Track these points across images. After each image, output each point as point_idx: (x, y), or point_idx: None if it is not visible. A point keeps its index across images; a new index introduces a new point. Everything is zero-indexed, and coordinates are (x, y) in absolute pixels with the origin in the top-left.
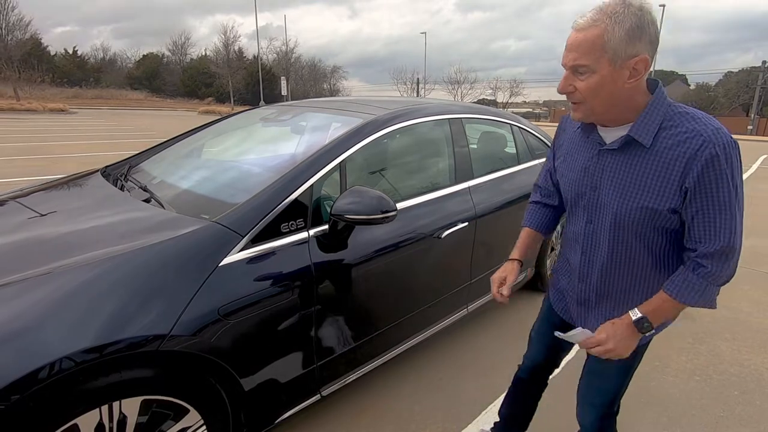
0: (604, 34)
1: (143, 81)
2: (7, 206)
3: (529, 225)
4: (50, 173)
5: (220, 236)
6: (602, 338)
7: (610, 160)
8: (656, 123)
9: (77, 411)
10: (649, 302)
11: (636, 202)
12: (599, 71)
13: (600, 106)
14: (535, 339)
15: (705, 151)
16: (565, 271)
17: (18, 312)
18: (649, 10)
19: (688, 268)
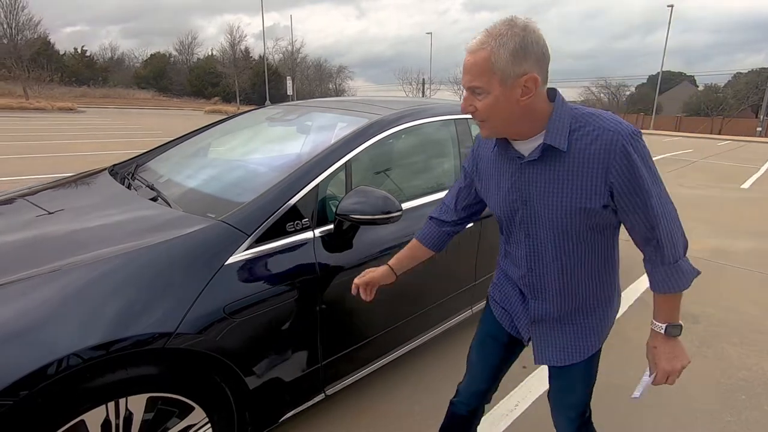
0: (491, 56)
1: (150, 80)
2: (15, 204)
3: (418, 237)
4: (59, 171)
5: (226, 235)
6: (668, 367)
7: (533, 171)
8: (566, 127)
9: (84, 407)
10: (657, 311)
11: (569, 205)
12: (492, 91)
13: (501, 124)
14: (476, 362)
15: (617, 144)
16: (505, 287)
17: (27, 308)
18: (534, 29)
19: (655, 262)
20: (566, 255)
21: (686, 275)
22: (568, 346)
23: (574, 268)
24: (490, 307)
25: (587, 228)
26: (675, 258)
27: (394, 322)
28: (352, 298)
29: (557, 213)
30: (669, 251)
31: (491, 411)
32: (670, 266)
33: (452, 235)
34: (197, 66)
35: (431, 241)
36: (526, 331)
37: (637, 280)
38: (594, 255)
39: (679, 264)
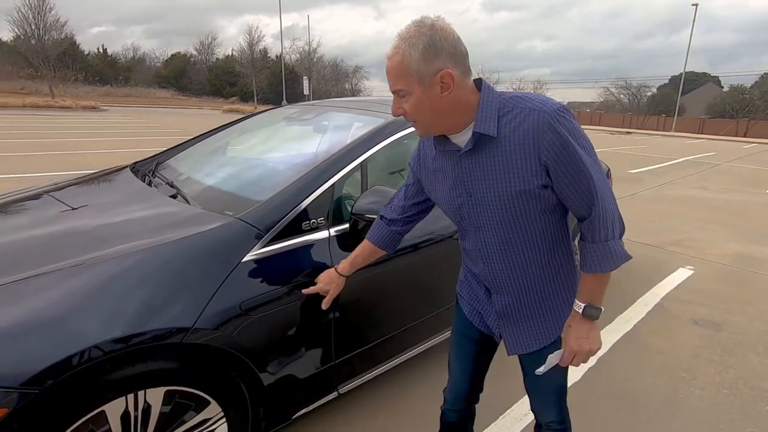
0: (404, 59)
1: (171, 80)
2: (42, 199)
3: (368, 238)
4: (83, 168)
5: (243, 233)
6: (575, 347)
7: (470, 162)
8: (494, 113)
9: (105, 398)
10: (580, 290)
11: (508, 191)
12: (414, 92)
13: (430, 121)
14: (455, 364)
15: (544, 123)
16: (471, 284)
17: (53, 301)
18: (441, 27)
19: (586, 239)
20: (515, 243)
21: (615, 256)
22: (535, 332)
23: (524, 256)
24: (460, 305)
25: (533, 212)
26: (606, 237)
27: (408, 321)
28: (366, 297)
29: (499, 200)
30: (601, 229)
31: (503, 416)
32: (599, 244)
33: (402, 234)
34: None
35: (382, 241)
36: (495, 326)
37: (657, 285)
38: (544, 241)
39: (609, 244)
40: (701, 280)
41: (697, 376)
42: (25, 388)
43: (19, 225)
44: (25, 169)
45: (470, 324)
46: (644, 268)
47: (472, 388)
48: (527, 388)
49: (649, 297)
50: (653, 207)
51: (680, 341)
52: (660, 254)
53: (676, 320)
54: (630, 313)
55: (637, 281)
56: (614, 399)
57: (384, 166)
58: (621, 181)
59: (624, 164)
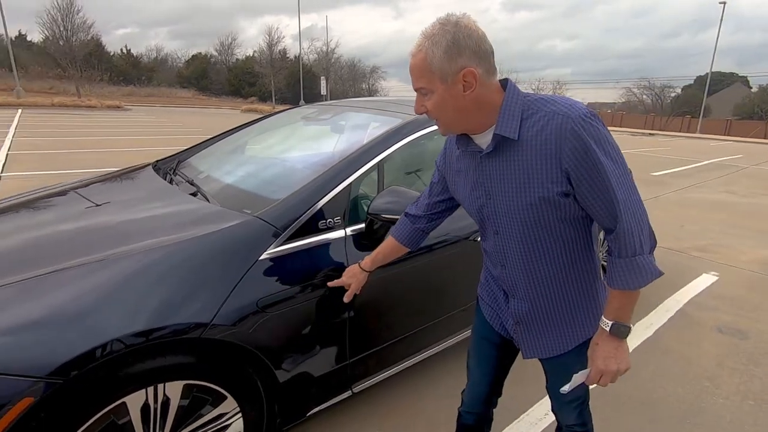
0: (427, 56)
1: (192, 80)
2: (68, 196)
3: (392, 234)
4: (108, 166)
5: (260, 231)
6: (602, 367)
7: (491, 164)
8: (516, 116)
9: (126, 390)
10: (607, 306)
11: (526, 196)
12: (436, 90)
13: (453, 120)
14: (474, 367)
15: (566, 128)
16: (491, 286)
17: (78, 295)
18: (466, 24)
19: (613, 254)
20: (533, 250)
21: (643, 273)
22: (552, 339)
23: (542, 264)
24: (480, 308)
25: (553, 220)
26: (633, 252)
27: (423, 322)
28: (381, 297)
29: (518, 205)
30: (628, 243)
31: (520, 419)
32: (627, 260)
33: (426, 232)
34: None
35: (405, 238)
36: (512, 330)
37: (679, 291)
38: (564, 249)
39: (637, 259)
40: (726, 286)
41: (721, 385)
42: (50, 378)
43: (46, 220)
44: (58, 167)
45: (490, 327)
46: (666, 273)
47: (491, 392)
48: (549, 390)
49: (671, 303)
50: (676, 211)
51: (703, 349)
52: (683, 259)
53: (700, 327)
54: (651, 319)
55: (658, 286)
56: (635, 406)
57: (401, 166)
58: (643, 183)
59: (646, 166)
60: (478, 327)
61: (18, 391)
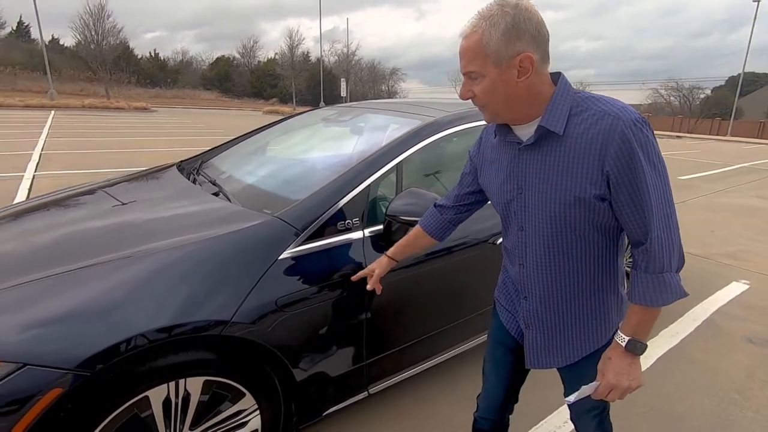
0: (483, 38)
1: (215, 82)
2: (96, 195)
3: (420, 224)
4: (134, 165)
5: (280, 231)
6: (612, 381)
7: (529, 157)
8: (565, 111)
9: (149, 384)
10: (626, 321)
11: (561, 194)
12: (488, 74)
13: (502, 107)
14: (490, 372)
15: (616, 130)
16: (509, 289)
17: (104, 290)
18: (526, 7)
19: (639, 268)
20: (556, 251)
21: (668, 291)
22: (561, 348)
23: (562, 266)
24: (497, 311)
25: (583, 222)
26: (661, 268)
27: (440, 325)
28: (399, 298)
29: (550, 202)
30: (657, 259)
31: (538, 425)
32: (653, 276)
33: (454, 224)
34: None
35: (433, 229)
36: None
37: (707, 299)
38: (588, 255)
39: (664, 276)
40: (758, 295)
41: (751, 398)
42: (78, 370)
43: (76, 218)
44: (88, 166)
45: (507, 331)
46: (693, 281)
47: (507, 398)
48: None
49: (699, 311)
50: (705, 216)
51: (732, 360)
52: (711, 266)
53: (729, 337)
54: (677, 327)
55: None
56: (659, 417)
57: (419, 168)
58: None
59: (674, 170)
60: (495, 332)
61: (48, 382)
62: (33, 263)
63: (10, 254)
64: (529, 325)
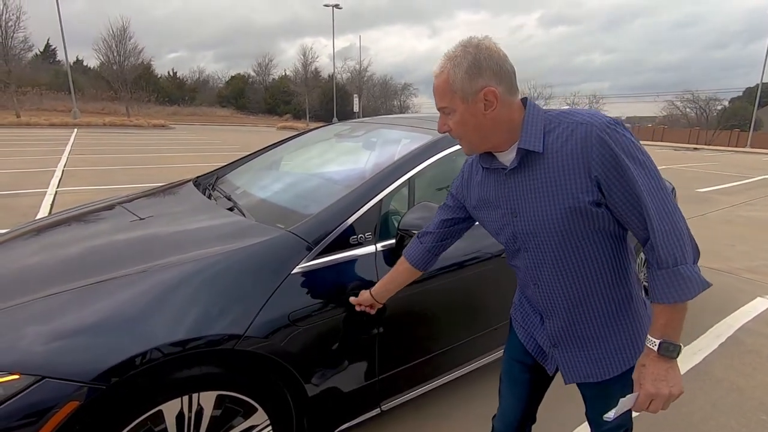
0: (449, 77)
1: (231, 99)
2: (115, 210)
3: (404, 253)
4: (153, 181)
5: (293, 245)
6: (651, 390)
7: (516, 180)
8: (539, 129)
9: (163, 398)
10: (654, 324)
11: (555, 208)
12: (458, 109)
13: (474, 138)
14: (506, 392)
15: (592, 136)
16: (525, 307)
17: (119, 305)
18: (487, 46)
19: (652, 266)
20: (565, 265)
21: (688, 283)
22: (594, 361)
23: (575, 279)
24: (514, 330)
25: (584, 231)
26: (674, 261)
27: (453, 341)
28: (411, 313)
29: (546, 219)
30: (665, 252)
31: None
32: (667, 270)
33: (435, 253)
34: (272, 85)
35: (414, 258)
36: (550, 353)
37: (730, 315)
38: (598, 263)
39: (680, 269)
40: None
41: None
42: (94, 383)
43: (95, 233)
44: (108, 182)
45: (524, 349)
46: (715, 296)
47: (524, 418)
48: (588, 419)
49: (722, 328)
50: (725, 229)
51: (759, 379)
52: (734, 281)
53: (754, 355)
54: (699, 344)
55: (707, 310)
56: None
57: (431, 183)
58: (688, 201)
59: (691, 182)
60: (511, 349)
61: (65, 395)
62: (50, 278)
63: (32, 269)
64: (558, 344)
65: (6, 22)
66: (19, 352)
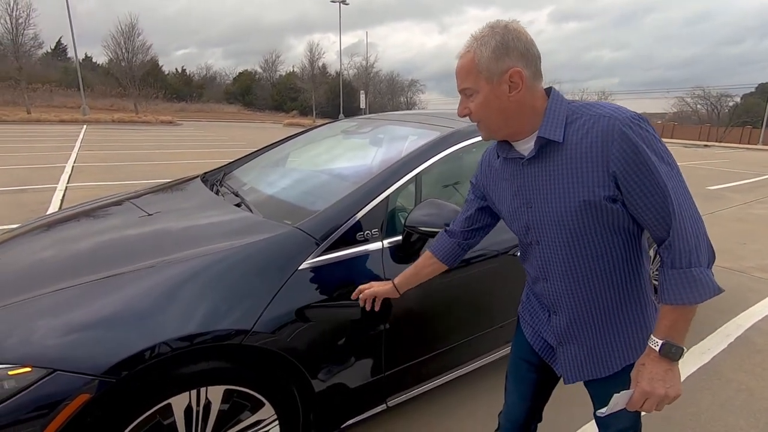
0: (474, 56)
1: (238, 96)
2: (123, 206)
3: (430, 248)
4: (161, 177)
5: (300, 241)
6: (647, 388)
7: (533, 170)
8: (561, 119)
9: (171, 392)
10: (658, 324)
11: (570, 201)
12: (481, 90)
13: (495, 122)
14: (512, 390)
15: (614, 129)
16: (533, 305)
17: (128, 299)
18: (514, 28)
19: (666, 265)
20: (576, 260)
21: (699, 287)
22: (597, 360)
23: (585, 275)
24: (521, 327)
25: (598, 227)
26: (688, 263)
27: (459, 338)
28: (418, 310)
29: (560, 212)
30: (683, 252)
31: None
32: (681, 271)
33: (464, 248)
34: (279, 82)
35: (442, 253)
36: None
37: (740, 315)
38: (610, 261)
39: (693, 271)
40: None
41: None
42: (104, 376)
43: (103, 229)
44: (117, 178)
45: (530, 348)
46: (726, 295)
47: (529, 417)
48: (596, 420)
49: (732, 327)
50: (737, 227)
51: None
52: (745, 280)
53: (765, 355)
54: (708, 344)
55: (716, 309)
56: None
57: (438, 179)
58: (699, 198)
59: (702, 180)
60: (517, 348)
61: (77, 387)
62: (61, 272)
63: (43, 263)
64: (563, 342)
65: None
66: (31, 345)
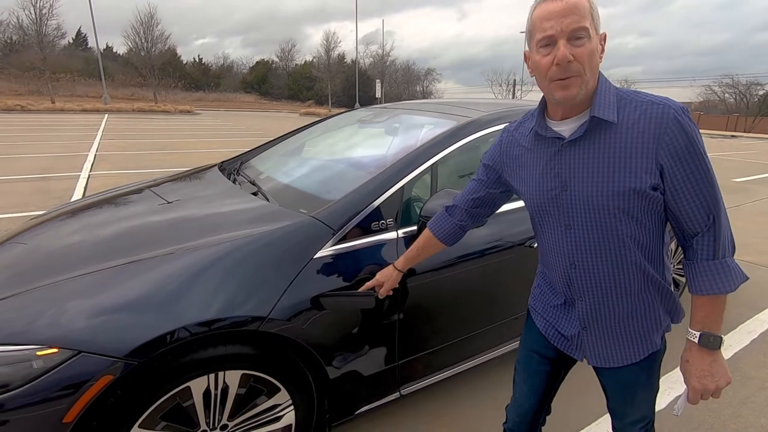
0: (589, 0)
1: (254, 85)
2: (143, 194)
3: (429, 226)
4: (181, 165)
5: (315, 230)
6: (698, 387)
7: (574, 152)
8: (612, 101)
9: (191, 375)
10: (693, 317)
11: (615, 186)
12: (592, 37)
13: (592, 78)
14: (521, 381)
15: (669, 117)
16: (546, 296)
17: (148, 285)
18: None
19: (701, 257)
20: (610, 244)
21: (734, 275)
22: (621, 346)
23: (617, 259)
24: (532, 319)
25: (635, 213)
26: (724, 253)
27: (473, 329)
28: (431, 300)
29: (601, 195)
30: (721, 244)
31: None
32: (719, 261)
33: (463, 229)
34: (295, 71)
35: (441, 232)
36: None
37: (764, 311)
38: (641, 246)
39: (728, 261)
40: None
41: None
42: (128, 359)
43: (124, 216)
44: (138, 166)
45: (544, 340)
46: (749, 291)
47: (538, 409)
48: (611, 412)
49: (755, 324)
50: (761, 221)
51: None
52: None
53: None
54: (730, 340)
55: (739, 304)
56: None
57: (454, 169)
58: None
59: (727, 172)
60: (528, 340)
61: (101, 369)
62: (88, 257)
63: (69, 248)
64: (588, 326)
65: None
66: (58, 327)
